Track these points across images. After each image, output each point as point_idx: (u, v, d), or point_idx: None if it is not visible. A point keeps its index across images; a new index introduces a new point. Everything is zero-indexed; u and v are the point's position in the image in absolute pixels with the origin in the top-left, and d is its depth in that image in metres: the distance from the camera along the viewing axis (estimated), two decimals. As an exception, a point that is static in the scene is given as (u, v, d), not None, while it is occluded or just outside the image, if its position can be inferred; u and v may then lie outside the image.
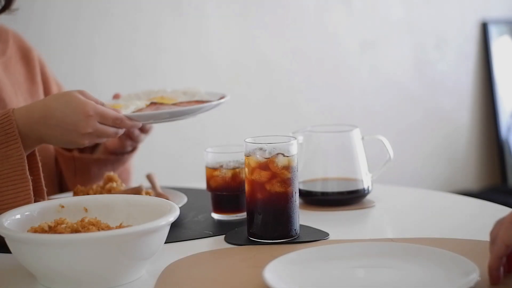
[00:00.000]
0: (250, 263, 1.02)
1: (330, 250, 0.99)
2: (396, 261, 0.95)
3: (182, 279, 0.98)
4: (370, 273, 0.95)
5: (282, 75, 2.71)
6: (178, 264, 1.03)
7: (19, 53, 1.48)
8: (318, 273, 0.94)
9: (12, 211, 1.03)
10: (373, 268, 0.95)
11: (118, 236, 0.92)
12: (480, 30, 3.09)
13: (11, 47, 1.47)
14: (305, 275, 0.93)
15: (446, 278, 0.89)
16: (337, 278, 0.93)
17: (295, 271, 0.94)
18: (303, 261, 0.96)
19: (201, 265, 1.03)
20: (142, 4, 2.43)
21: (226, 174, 1.25)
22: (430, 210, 1.33)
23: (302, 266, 0.95)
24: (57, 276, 0.93)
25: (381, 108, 2.93)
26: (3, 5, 1.40)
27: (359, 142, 1.34)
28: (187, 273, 1.00)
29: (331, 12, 2.79)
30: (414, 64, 2.99)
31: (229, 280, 0.97)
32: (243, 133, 2.03)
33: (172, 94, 1.37)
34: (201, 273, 1.00)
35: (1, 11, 1.40)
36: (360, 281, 0.93)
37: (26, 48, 1.50)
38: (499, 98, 3.08)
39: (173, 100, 1.32)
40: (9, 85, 1.43)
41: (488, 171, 3.19)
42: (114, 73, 2.38)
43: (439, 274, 0.91)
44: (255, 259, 1.03)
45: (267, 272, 0.90)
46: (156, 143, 2.39)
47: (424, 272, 0.92)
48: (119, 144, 1.46)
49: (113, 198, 1.11)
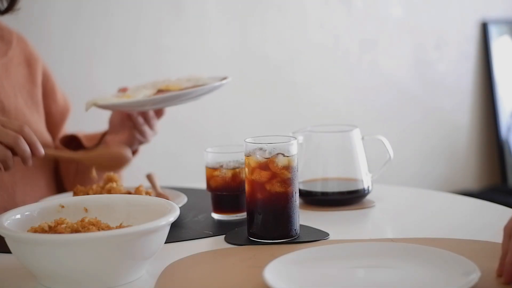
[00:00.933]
0: (250, 263, 1.02)
1: (330, 250, 0.99)
2: (397, 261, 0.95)
3: (181, 279, 0.98)
4: (371, 273, 0.95)
5: (282, 75, 2.71)
6: (178, 264, 1.03)
7: (22, 55, 1.48)
8: (318, 273, 0.94)
9: (12, 211, 1.03)
10: (374, 268, 0.95)
11: (118, 236, 0.92)
12: (480, 30, 3.09)
13: (14, 49, 1.47)
14: (305, 275, 0.93)
15: (447, 278, 0.89)
16: (337, 278, 0.93)
17: (295, 271, 0.94)
18: (303, 261, 0.96)
19: (201, 265, 1.03)
20: (143, 4, 2.43)
21: (226, 174, 1.25)
22: (430, 210, 1.33)
23: (302, 266, 0.95)
24: (57, 276, 0.93)
25: (381, 108, 2.93)
26: (7, 6, 1.40)
27: (359, 142, 1.34)
28: (187, 273, 1.00)
29: (331, 12, 2.79)
30: (414, 64, 2.98)
31: (229, 280, 0.97)
32: (243, 133, 2.03)
33: (177, 81, 1.41)
34: (201, 273, 1.00)
35: (5, 12, 1.40)
36: (360, 281, 0.93)
37: (29, 52, 1.50)
38: (499, 98, 3.08)
39: (178, 86, 1.35)
40: (9, 86, 1.43)
41: (488, 171, 3.19)
42: (114, 73, 2.38)
43: (439, 274, 0.91)
44: (255, 259, 1.03)
45: (267, 272, 0.90)
46: (156, 143, 2.38)
47: (424, 272, 0.92)
48: (127, 139, 1.46)
49: (113, 198, 1.11)
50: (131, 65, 2.41)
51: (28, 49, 1.50)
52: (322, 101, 2.80)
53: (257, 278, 0.93)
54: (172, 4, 2.47)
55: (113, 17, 2.37)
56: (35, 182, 1.44)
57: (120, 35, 2.39)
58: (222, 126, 2.60)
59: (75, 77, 2.29)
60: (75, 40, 2.32)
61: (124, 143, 1.46)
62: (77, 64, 2.32)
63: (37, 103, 1.49)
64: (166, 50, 2.47)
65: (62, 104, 1.56)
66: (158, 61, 2.46)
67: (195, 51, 2.52)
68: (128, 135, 1.46)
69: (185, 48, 2.50)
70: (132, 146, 1.47)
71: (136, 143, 1.48)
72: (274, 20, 2.68)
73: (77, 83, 2.27)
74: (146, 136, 1.48)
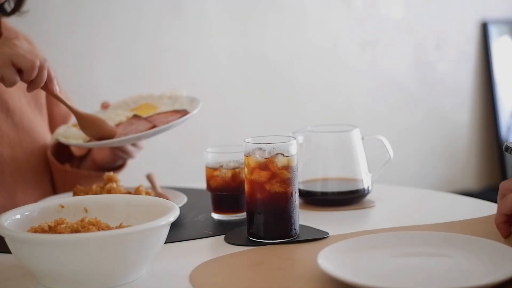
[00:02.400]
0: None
1: (379, 238, 1.03)
2: (447, 250, 0.98)
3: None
4: (421, 261, 0.97)
5: (282, 75, 2.71)
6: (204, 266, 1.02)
7: None
8: (369, 260, 0.96)
9: (12, 211, 1.03)
10: (425, 256, 0.98)
11: (118, 236, 0.92)
12: (480, 30, 3.09)
13: None
14: (357, 261, 0.96)
15: (497, 268, 0.91)
16: (388, 265, 0.95)
17: (346, 258, 0.96)
18: (353, 249, 0.99)
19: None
20: (143, 4, 2.43)
21: (226, 174, 1.25)
22: (430, 210, 1.33)
23: (353, 253, 0.98)
24: (57, 276, 0.93)
25: (381, 108, 2.93)
26: (13, 7, 1.40)
27: (359, 142, 1.34)
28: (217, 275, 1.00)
29: (331, 12, 2.79)
30: (414, 64, 2.99)
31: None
32: (243, 133, 2.04)
33: (158, 100, 1.43)
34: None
35: (11, 13, 1.41)
36: (410, 268, 0.95)
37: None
38: (499, 98, 3.08)
39: (154, 108, 1.38)
40: (14, 88, 1.43)
41: (488, 171, 3.19)
42: (114, 73, 2.39)
43: (488, 264, 0.93)
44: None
45: (321, 258, 0.92)
46: (156, 143, 2.39)
47: (475, 262, 0.94)
48: (110, 156, 1.46)
49: (113, 198, 1.11)
50: (131, 65, 2.42)
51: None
52: (322, 101, 2.80)
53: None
54: (172, 4, 2.47)
55: (113, 18, 2.37)
56: (35, 182, 1.44)
57: (120, 35, 2.39)
58: (222, 126, 2.60)
59: (75, 77, 2.29)
60: (75, 40, 2.32)
61: (108, 160, 1.47)
62: (77, 64, 2.32)
63: (40, 106, 1.50)
64: (166, 50, 2.47)
65: (65, 108, 1.56)
66: (158, 61, 2.46)
67: (195, 51, 2.52)
68: (109, 152, 1.46)
69: (185, 48, 2.50)
70: (115, 162, 1.48)
71: (119, 160, 1.48)
72: (274, 21, 2.68)
73: (77, 83, 2.27)
74: (129, 153, 1.47)
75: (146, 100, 1.45)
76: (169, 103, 1.42)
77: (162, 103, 1.42)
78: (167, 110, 1.39)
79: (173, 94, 1.44)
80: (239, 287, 0.94)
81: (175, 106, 1.40)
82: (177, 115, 1.36)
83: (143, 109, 1.40)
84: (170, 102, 1.42)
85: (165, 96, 1.44)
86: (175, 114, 1.36)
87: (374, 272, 0.93)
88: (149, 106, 1.40)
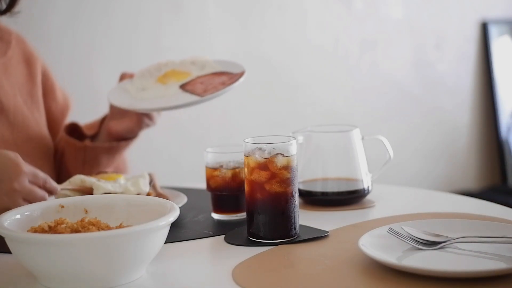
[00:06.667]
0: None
1: (418, 225, 1.07)
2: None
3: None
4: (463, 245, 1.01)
5: (282, 75, 2.71)
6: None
7: (21, 55, 1.49)
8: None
9: (12, 211, 1.03)
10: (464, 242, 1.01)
11: (118, 236, 0.92)
12: (480, 30, 3.09)
13: (13, 49, 1.47)
14: (397, 246, 1.01)
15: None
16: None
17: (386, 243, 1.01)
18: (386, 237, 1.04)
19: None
20: (143, 4, 2.43)
21: (226, 174, 1.25)
22: (430, 210, 1.33)
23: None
24: (57, 276, 0.93)
25: (381, 108, 2.93)
26: (5, 7, 1.40)
27: (359, 142, 1.34)
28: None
29: (331, 12, 2.79)
30: (414, 64, 2.99)
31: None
32: (243, 133, 2.03)
33: (181, 65, 1.39)
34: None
35: (3, 13, 1.41)
36: (457, 251, 0.99)
37: (29, 52, 1.50)
38: (499, 98, 3.08)
39: (186, 74, 1.33)
40: (8, 86, 1.43)
41: (488, 171, 3.19)
42: (114, 73, 2.38)
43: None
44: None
45: (361, 243, 0.98)
46: (156, 143, 2.39)
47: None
48: (129, 126, 1.46)
49: (113, 198, 1.11)
50: (131, 65, 2.41)
51: (27, 48, 1.50)
52: (322, 101, 2.80)
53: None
54: (172, 4, 2.47)
55: (112, 17, 2.37)
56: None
57: (119, 35, 2.39)
58: (222, 126, 2.60)
59: (75, 77, 2.29)
60: (75, 40, 2.32)
61: (130, 129, 1.47)
62: (77, 64, 2.32)
63: (37, 102, 1.49)
64: (166, 50, 2.47)
65: (62, 102, 1.57)
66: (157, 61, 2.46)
67: (195, 51, 2.52)
68: (136, 120, 1.46)
69: (185, 48, 2.50)
70: (139, 130, 1.48)
71: (143, 127, 1.48)
72: (274, 20, 2.68)
73: (77, 82, 2.27)
74: (154, 120, 1.48)
75: (169, 67, 1.41)
76: (197, 68, 1.38)
77: (190, 69, 1.38)
78: (206, 73, 1.36)
79: (196, 60, 1.40)
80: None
81: (206, 70, 1.38)
82: (221, 77, 1.34)
83: (172, 75, 1.37)
84: (196, 67, 1.38)
85: (187, 62, 1.40)
86: (219, 76, 1.34)
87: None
88: (176, 73, 1.37)
